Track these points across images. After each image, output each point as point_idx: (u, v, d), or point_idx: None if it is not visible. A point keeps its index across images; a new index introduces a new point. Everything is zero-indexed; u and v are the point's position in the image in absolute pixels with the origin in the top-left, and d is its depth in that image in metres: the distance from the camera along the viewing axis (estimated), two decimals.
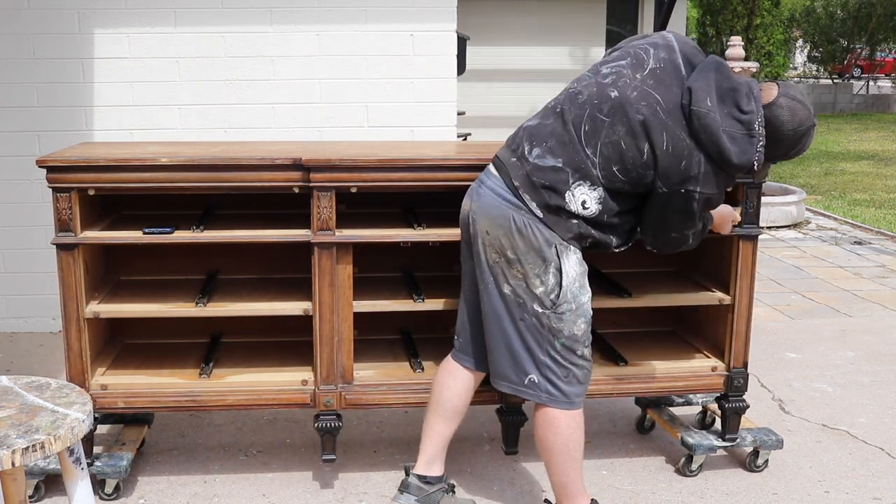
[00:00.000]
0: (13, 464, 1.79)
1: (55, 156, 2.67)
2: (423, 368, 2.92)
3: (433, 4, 4.26)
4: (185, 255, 3.10)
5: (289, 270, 3.11)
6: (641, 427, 3.39)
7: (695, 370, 3.00)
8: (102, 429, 3.09)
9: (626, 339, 3.20)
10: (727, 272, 2.95)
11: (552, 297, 2.40)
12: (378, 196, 2.97)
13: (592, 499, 2.59)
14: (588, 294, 2.48)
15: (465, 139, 6.93)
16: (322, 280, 2.73)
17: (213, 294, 2.93)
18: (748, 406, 3.04)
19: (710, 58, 2.40)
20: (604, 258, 3.01)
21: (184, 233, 2.77)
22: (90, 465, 2.73)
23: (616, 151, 2.35)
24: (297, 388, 2.84)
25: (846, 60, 24.68)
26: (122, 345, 3.12)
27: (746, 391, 3.01)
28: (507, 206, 2.40)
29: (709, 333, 3.14)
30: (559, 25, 12.17)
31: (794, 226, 7.55)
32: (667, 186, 2.35)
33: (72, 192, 2.65)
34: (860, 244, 6.91)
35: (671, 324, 3.36)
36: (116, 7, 4.13)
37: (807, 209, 8.12)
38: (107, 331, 3.05)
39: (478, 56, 10.30)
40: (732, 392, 2.99)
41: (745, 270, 2.90)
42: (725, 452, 3.19)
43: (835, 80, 24.04)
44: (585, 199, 2.37)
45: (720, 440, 3.03)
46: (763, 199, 2.98)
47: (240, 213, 3.03)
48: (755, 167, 2.35)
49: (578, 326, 2.45)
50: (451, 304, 2.85)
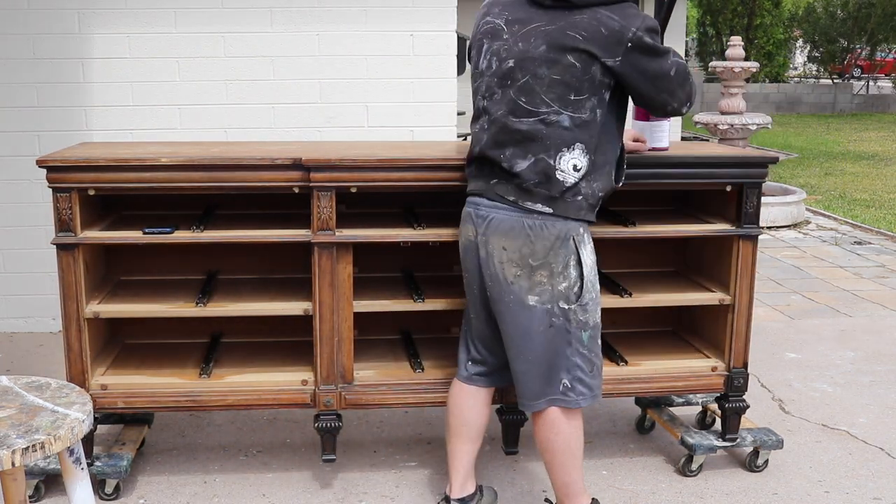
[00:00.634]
0: (13, 464, 1.79)
1: (55, 156, 2.67)
2: (424, 368, 2.92)
3: (433, 4, 4.26)
4: (185, 255, 3.10)
5: (289, 270, 3.11)
6: (641, 427, 3.39)
7: (695, 370, 3.00)
8: (102, 429, 3.09)
9: (626, 339, 3.20)
10: (727, 272, 2.95)
11: (576, 291, 2.41)
12: (378, 196, 2.97)
13: (593, 498, 2.59)
14: (598, 280, 2.51)
15: (466, 139, 6.92)
16: (322, 280, 2.73)
17: (213, 294, 2.93)
18: (748, 406, 3.04)
19: None
20: (604, 258, 3.01)
21: (184, 233, 2.77)
22: (90, 465, 2.73)
23: (559, 86, 2.30)
24: (297, 388, 2.84)
25: (846, 60, 24.69)
26: (122, 345, 3.12)
27: (746, 391, 3.01)
28: (518, 215, 2.38)
29: (709, 333, 3.14)
30: None
31: (794, 226, 7.55)
32: (614, 55, 2.30)
33: (72, 192, 2.65)
34: (860, 244, 6.91)
35: (671, 324, 3.36)
36: (116, 7, 4.13)
37: (807, 209, 8.12)
38: (107, 331, 3.05)
39: None
40: (732, 392, 2.99)
41: (745, 270, 2.90)
42: (725, 452, 3.19)
43: (835, 80, 24.04)
44: (574, 162, 2.35)
45: (720, 440, 3.03)
46: (763, 199, 2.98)
47: (240, 213, 3.03)
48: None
49: (598, 315, 2.48)
50: (452, 304, 2.86)
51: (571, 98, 2.32)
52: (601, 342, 2.51)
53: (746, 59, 8.10)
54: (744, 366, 2.98)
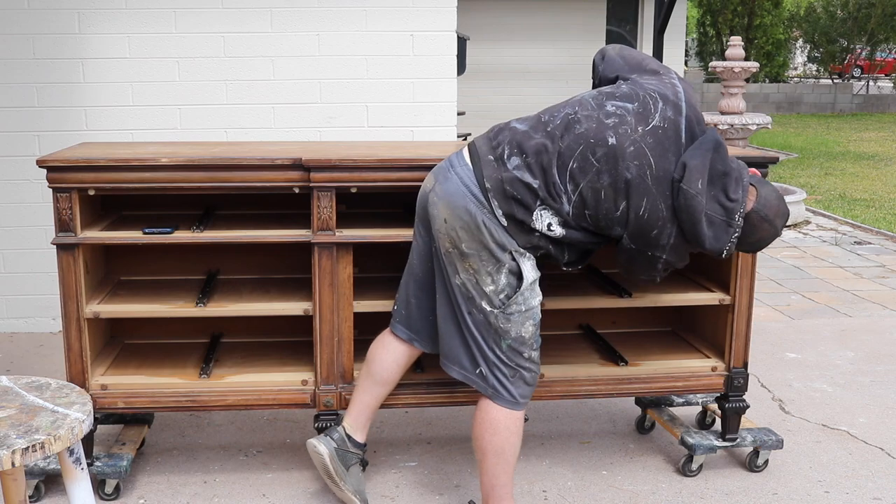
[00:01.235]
0: (13, 464, 1.79)
1: (55, 156, 2.67)
2: (423, 368, 2.92)
3: (433, 4, 4.26)
4: (185, 255, 3.10)
5: (289, 270, 3.12)
6: (641, 427, 3.39)
7: (695, 370, 3.00)
8: (102, 429, 3.09)
9: (626, 339, 3.20)
10: (727, 272, 2.95)
11: (501, 297, 2.40)
12: (378, 196, 2.97)
13: None
14: (539, 298, 2.47)
15: (465, 139, 6.92)
16: (322, 280, 2.73)
17: (213, 294, 2.93)
18: (748, 406, 3.04)
19: (711, 133, 2.37)
20: (604, 258, 3.01)
21: (184, 233, 2.77)
22: (90, 466, 2.73)
23: (594, 199, 2.33)
24: (297, 388, 2.84)
25: (846, 60, 24.69)
26: (122, 345, 3.12)
27: (746, 391, 3.01)
28: (472, 202, 2.36)
29: (709, 333, 3.14)
30: (559, 25, 12.18)
31: (794, 226, 7.55)
32: (634, 244, 2.37)
33: (72, 192, 2.65)
34: (860, 244, 6.91)
35: (671, 324, 3.36)
36: (116, 7, 4.13)
37: (807, 209, 8.12)
38: (107, 331, 3.05)
39: (478, 56, 10.31)
40: (732, 392, 2.99)
41: (745, 270, 2.90)
42: (725, 452, 3.19)
43: (835, 80, 24.05)
44: (551, 223, 2.37)
45: (720, 440, 3.03)
46: None
47: (240, 213, 3.03)
48: (723, 255, 2.35)
49: (526, 329, 2.44)
50: None
51: (586, 213, 2.36)
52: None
53: (746, 59, 8.11)
54: (744, 366, 2.98)
